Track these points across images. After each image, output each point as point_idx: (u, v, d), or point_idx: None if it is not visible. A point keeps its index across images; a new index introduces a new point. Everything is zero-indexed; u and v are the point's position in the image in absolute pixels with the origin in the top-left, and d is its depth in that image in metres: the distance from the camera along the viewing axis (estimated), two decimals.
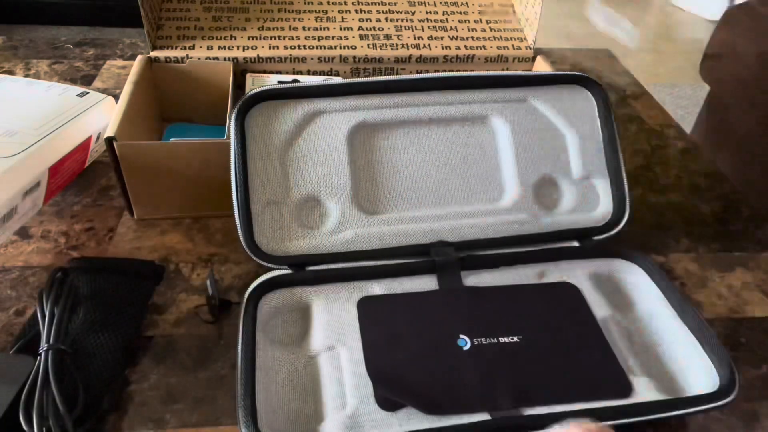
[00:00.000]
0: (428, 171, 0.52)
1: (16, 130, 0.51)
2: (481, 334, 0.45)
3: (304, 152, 0.50)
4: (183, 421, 0.42)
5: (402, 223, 0.51)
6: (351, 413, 0.40)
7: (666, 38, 2.90)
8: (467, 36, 0.72)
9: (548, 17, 2.68)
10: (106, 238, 0.56)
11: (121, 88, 0.58)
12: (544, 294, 0.49)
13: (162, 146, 0.54)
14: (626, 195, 0.54)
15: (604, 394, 0.42)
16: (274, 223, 0.49)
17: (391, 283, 0.49)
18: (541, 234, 0.52)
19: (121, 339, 0.46)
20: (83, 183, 0.61)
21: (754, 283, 0.57)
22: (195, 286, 0.52)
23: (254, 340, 0.43)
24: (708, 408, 0.41)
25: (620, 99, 0.84)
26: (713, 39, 1.21)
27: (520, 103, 0.54)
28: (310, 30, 0.69)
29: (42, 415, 0.39)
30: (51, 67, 0.80)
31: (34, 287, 0.51)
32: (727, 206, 0.67)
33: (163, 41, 0.65)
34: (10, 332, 0.47)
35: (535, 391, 0.42)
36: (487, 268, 0.51)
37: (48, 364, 0.41)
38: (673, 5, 3.19)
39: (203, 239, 0.56)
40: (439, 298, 0.48)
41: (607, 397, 0.41)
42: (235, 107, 0.49)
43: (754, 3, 1.11)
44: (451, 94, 0.53)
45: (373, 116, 0.51)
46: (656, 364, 0.45)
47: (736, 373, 0.42)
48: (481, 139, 0.54)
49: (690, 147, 0.76)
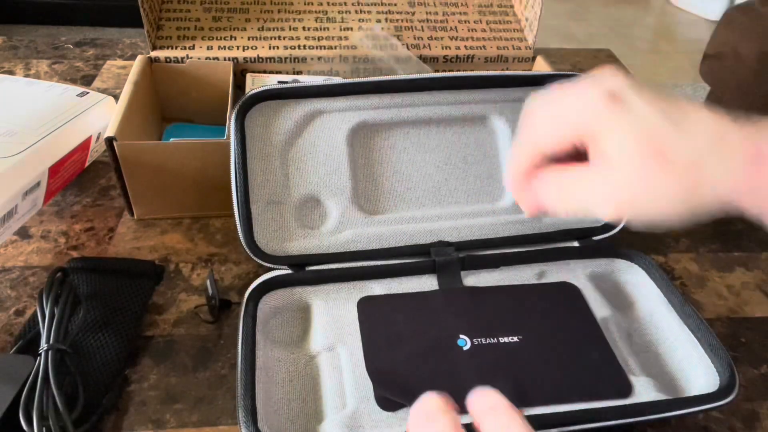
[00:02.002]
0: (428, 171, 0.52)
1: (16, 130, 0.51)
2: (481, 334, 0.45)
3: (304, 152, 0.50)
4: (183, 421, 0.42)
5: (402, 223, 0.51)
6: (351, 413, 0.40)
7: (666, 38, 2.90)
8: (467, 36, 0.72)
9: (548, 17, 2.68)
10: (106, 238, 0.56)
11: (121, 88, 0.58)
12: (544, 294, 0.49)
13: (162, 146, 0.54)
14: None
15: (605, 394, 0.42)
16: (274, 223, 0.49)
17: (391, 283, 0.49)
18: (541, 234, 0.52)
19: (121, 339, 0.46)
20: (83, 183, 0.61)
21: (754, 283, 0.57)
22: (195, 286, 0.52)
23: (254, 340, 0.43)
24: (708, 408, 0.41)
25: None
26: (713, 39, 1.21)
27: (520, 103, 0.53)
28: (310, 30, 0.69)
29: (42, 415, 0.39)
30: (51, 67, 0.80)
31: (34, 287, 0.51)
32: None
33: (163, 41, 0.65)
34: (10, 332, 0.47)
35: (534, 391, 0.42)
36: (487, 268, 0.51)
37: (48, 364, 0.41)
38: (673, 5, 3.19)
39: (203, 239, 0.56)
40: (439, 298, 0.48)
41: (607, 397, 0.41)
42: (235, 107, 0.49)
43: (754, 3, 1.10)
44: (451, 94, 0.53)
45: (373, 116, 0.51)
46: (656, 364, 0.45)
47: (736, 373, 0.42)
48: (481, 139, 0.54)
49: None
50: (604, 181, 0.35)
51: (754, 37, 1.10)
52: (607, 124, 0.35)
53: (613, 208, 0.35)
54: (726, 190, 0.34)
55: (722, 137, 0.34)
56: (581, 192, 0.36)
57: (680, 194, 0.34)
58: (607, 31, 2.88)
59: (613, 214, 0.35)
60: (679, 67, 2.62)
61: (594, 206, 0.36)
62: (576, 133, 0.36)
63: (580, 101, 0.36)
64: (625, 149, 0.34)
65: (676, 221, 0.35)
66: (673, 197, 0.34)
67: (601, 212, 0.36)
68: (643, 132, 0.34)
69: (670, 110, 0.35)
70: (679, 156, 0.34)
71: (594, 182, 0.35)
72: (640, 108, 0.35)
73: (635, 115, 0.35)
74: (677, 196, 0.34)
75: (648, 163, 0.34)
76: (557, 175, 0.37)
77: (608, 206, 0.35)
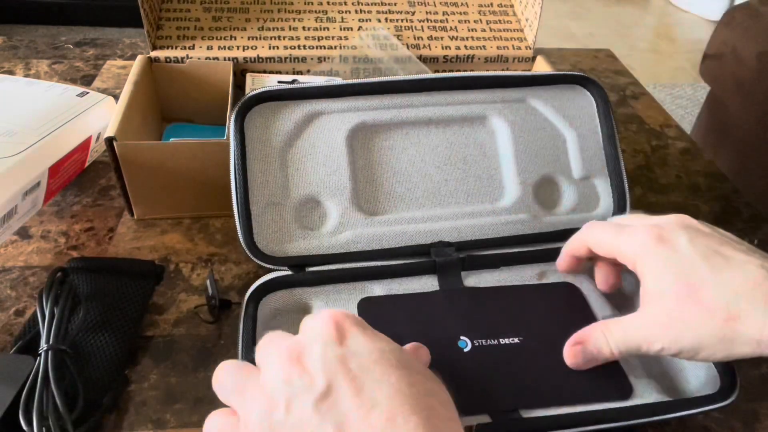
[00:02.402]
0: (428, 171, 0.52)
1: (16, 130, 0.51)
2: (482, 336, 0.45)
3: (303, 153, 0.50)
4: (183, 421, 0.42)
5: (402, 224, 0.51)
6: None
7: (666, 38, 2.90)
8: (467, 36, 0.72)
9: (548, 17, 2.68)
10: (106, 238, 0.56)
11: (121, 88, 0.58)
12: (544, 294, 0.49)
13: (162, 146, 0.54)
14: (626, 195, 0.54)
15: (605, 395, 0.42)
16: (273, 224, 0.49)
17: (391, 283, 0.49)
18: (542, 234, 0.52)
19: (121, 339, 0.46)
20: (83, 183, 0.61)
21: None
22: (195, 286, 0.52)
23: (254, 341, 0.43)
24: (708, 409, 0.41)
25: (620, 99, 0.84)
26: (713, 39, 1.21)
27: (520, 103, 0.54)
28: (310, 30, 0.69)
29: (42, 415, 0.39)
30: (51, 67, 0.80)
31: (34, 287, 0.51)
32: (727, 206, 0.67)
33: (163, 41, 0.65)
34: (10, 332, 0.47)
35: (535, 392, 0.42)
36: (488, 268, 0.51)
37: (48, 364, 0.41)
38: (673, 5, 3.19)
39: (203, 239, 0.56)
40: (439, 298, 0.48)
41: (608, 398, 0.41)
42: (235, 108, 0.49)
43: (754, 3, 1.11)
44: (450, 94, 0.53)
45: (372, 117, 0.51)
46: (656, 365, 0.45)
47: (736, 374, 0.42)
48: (481, 140, 0.53)
49: (690, 147, 0.76)
50: (643, 319, 0.39)
51: (754, 37, 1.10)
52: (651, 259, 0.39)
53: (659, 343, 0.38)
54: (758, 335, 0.35)
55: (760, 284, 0.36)
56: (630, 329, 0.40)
57: (716, 333, 0.36)
58: (607, 31, 2.88)
59: (658, 348, 0.38)
60: (679, 67, 2.62)
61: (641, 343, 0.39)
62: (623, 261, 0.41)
63: (633, 237, 0.41)
64: (663, 286, 0.38)
65: (717, 358, 0.37)
66: (709, 335, 0.36)
67: (646, 348, 0.39)
68: (681, 272, 0.37)
69: (712, 254, 0.37)
70: (712, 299, 0.36)
71: (635, 320, 0.40)
72: (684, 249, 0.38)
73: (678, 256, 0.38)
74: (713, 334, 0.36)
75: (683, 301, 0.37)
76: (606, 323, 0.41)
77: (653, 342, 0.38)
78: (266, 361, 0.32)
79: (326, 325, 0.31)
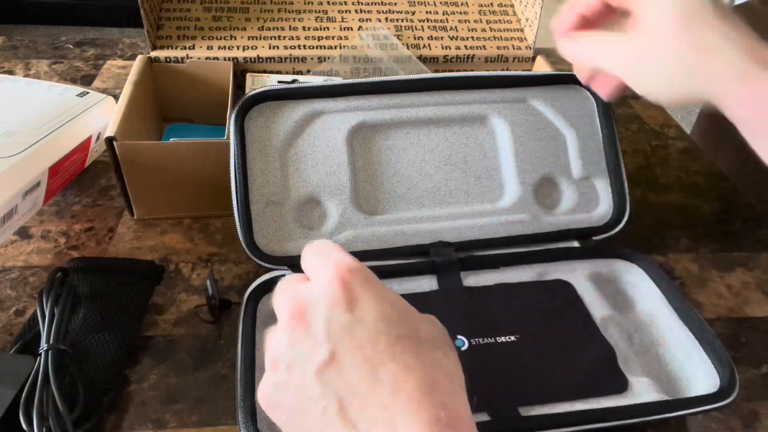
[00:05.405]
0: (428, 171, 0.52)
1: (16, 130, 0.51)
2: (478, 335, 0.45)
3: (303, 153, 0.50)
4: (183, 421, 0.42)
5: (402, 224, 0.51)
6: None
7: None
8: (467, 36, 0.72)
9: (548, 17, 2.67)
10: (106, 238, 0.56)
11: (121, 88, 0.58)
12: (539, 292, 0.49)
13: (162, 146, 0.54)
14: (626, 195, 0.54)
15: (601, 390, 0.42)
16: (273, 223, 0.49)
17: (390, 283, 0.49)
18: (541, 234, 0.52)
19: (121, 339, 0.46)
20: (83, 183, 0.61)
21: (754, 283, 0.57)
22: (195, 286, 0.52)
23: (254, 341, 0.43)
24: (708, 409, 0.41)
25: (620, 99, 0.84)
26: None
27: (520, 103, 0.54)
28: (310, 30, 0.69)
29: (42, 415, 0.39)
30: (51, 67, 0.80)
31: (34, 287, 0.51)
32: (727, 206, 0.67)
33: (163, 41, 0.65)
34: (10, 332, 0.47)
35: (532, 390, 0.42)
36: (487, 268, 0.51)
37: (48, 364, 0.41)
38: None
39: (203, 239, 0.56)
40: (437, 298, 0.48)
41: (604, 393, 0.41)
42: (235, 108, 0.49)
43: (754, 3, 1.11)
44: (450, 94, 0.53)
45: (372, 117, 0.51)
46: (656, 365, 0.45)
47: (736, 374, 0.42)
48: (481, 140, 0.53)
49: (690, 147, 0.76)
50: (628, 45, 0.40)
51: None
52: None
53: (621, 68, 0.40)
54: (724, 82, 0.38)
55: (754, 48, 0.38)
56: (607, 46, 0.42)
57: (685, 61, 0.38)
58: None
59: (618, 73, 0.41)
60: None
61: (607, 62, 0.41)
62: None
63: None
64: (663, 20, 0.39)
65: (670, 96, 0.39)
66: (677, 63, 0.38)
67: (609, 67, 0.41)
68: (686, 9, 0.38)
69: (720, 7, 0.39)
70: (699, 36, 0.38)
71: (620, 42, 0.41)
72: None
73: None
74: (681, 62, 0.38)
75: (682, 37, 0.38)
76: (594, 33, 0.43)
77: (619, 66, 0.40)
78: (276, 310, 0.31)
79: (333, 284, 0.30)
